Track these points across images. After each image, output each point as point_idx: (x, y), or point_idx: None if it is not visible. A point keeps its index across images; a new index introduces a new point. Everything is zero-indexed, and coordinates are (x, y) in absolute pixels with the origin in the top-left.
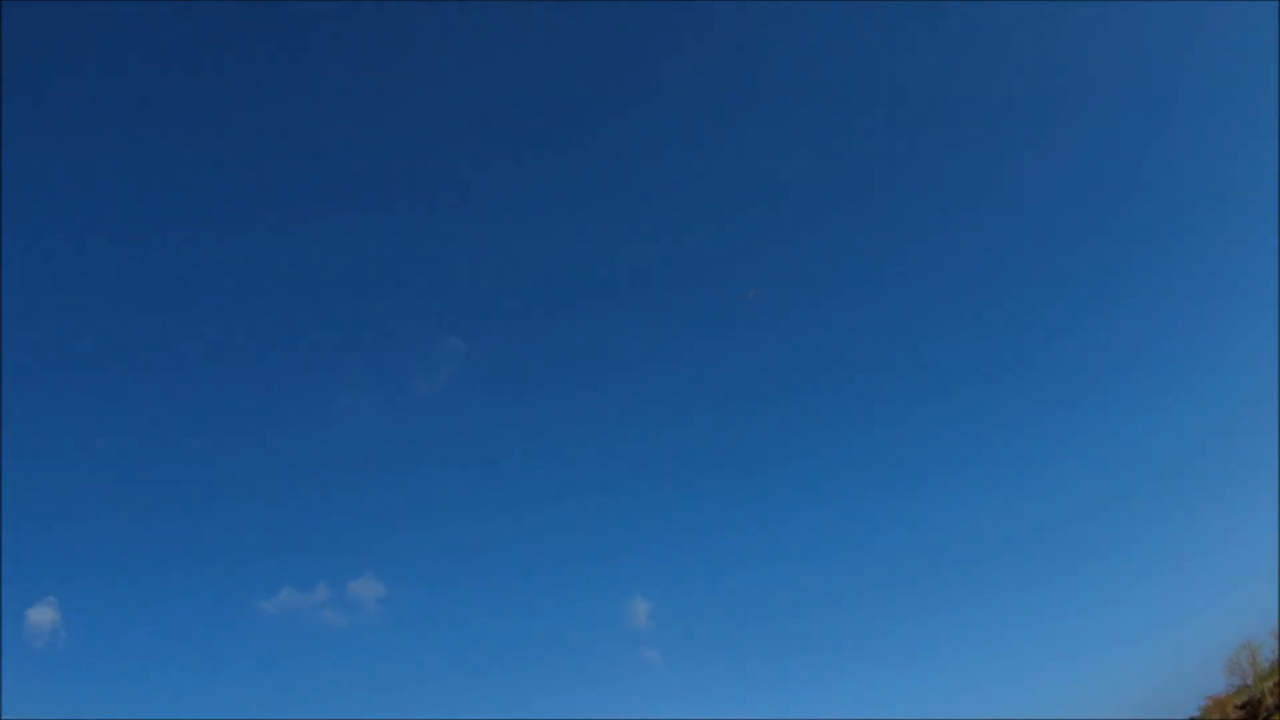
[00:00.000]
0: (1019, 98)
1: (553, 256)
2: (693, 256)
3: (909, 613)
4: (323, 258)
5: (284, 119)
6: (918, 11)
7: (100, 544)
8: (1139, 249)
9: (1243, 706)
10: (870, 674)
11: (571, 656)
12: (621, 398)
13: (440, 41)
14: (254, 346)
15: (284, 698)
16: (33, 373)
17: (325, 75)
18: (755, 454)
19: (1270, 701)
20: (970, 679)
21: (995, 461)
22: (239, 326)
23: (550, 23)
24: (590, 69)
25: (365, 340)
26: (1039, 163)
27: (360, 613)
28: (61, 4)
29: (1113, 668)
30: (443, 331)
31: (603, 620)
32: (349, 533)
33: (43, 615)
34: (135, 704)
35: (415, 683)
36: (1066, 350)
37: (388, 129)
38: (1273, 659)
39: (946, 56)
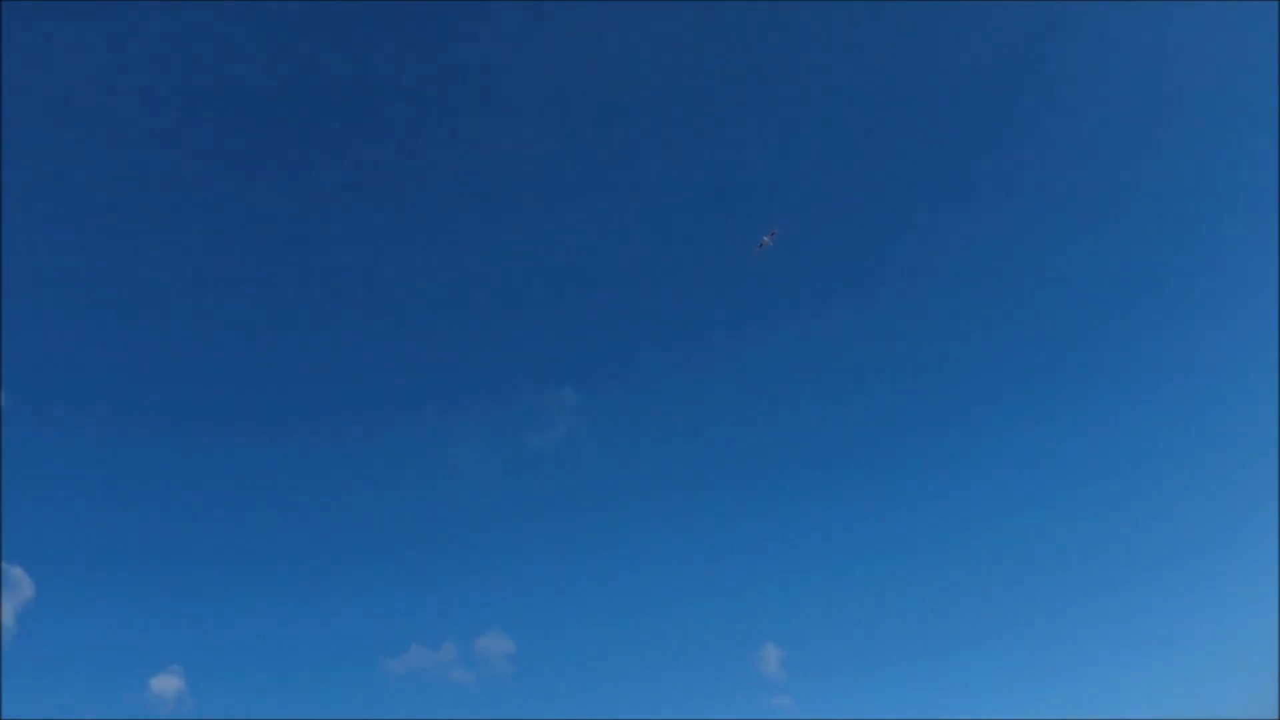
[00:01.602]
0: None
1: (666, 305)
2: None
3: (1057, 644)
4: (433, 311)
5: (399, 174)
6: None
7: (224, 609)
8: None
9: None
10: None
11: (702, 706)
12: (738, 444)
13: (569, 110)
14: (367, 404)
15: None
16: (160, 439)
17: (440, 131)
18: (884, 504)
19: None
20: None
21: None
22: (351, 382)
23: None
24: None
25: (478, 394)
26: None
27: (488, 669)
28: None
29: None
30: (555, 383)
31: (733, 669)
32: (474, 589)
33: (167, 684)
34: None
35: None
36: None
37: (498, 181)
38: None
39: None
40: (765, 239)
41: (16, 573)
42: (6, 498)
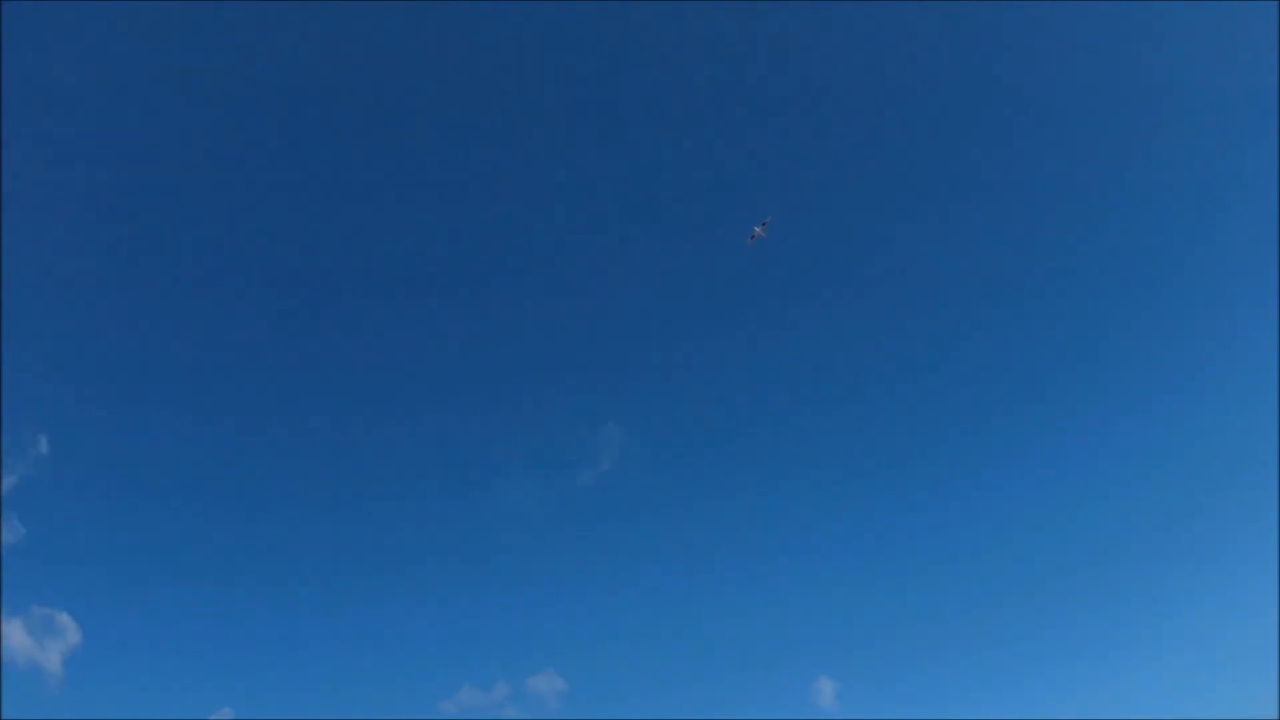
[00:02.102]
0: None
1: (709, 339)
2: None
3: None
4: (475, 347)
5: (445, 212)
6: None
7: (275, 652)
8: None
9: None
10: None
11: None
12: (785, 474)
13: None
14: (411, 441)
15: None
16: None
17: (486, 169)
18: (938, 538)
19: None
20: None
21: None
22: (394, 419)
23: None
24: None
25: (524, 430)
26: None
27: (542, 709)
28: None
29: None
30: (600, 418)
31: (788, 703)
32: (526, 629)
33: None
34: None
35: None
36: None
37: (539, 218)
38: None
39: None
40: (757, 229)
41: (64, 619)
42: (53, 543)
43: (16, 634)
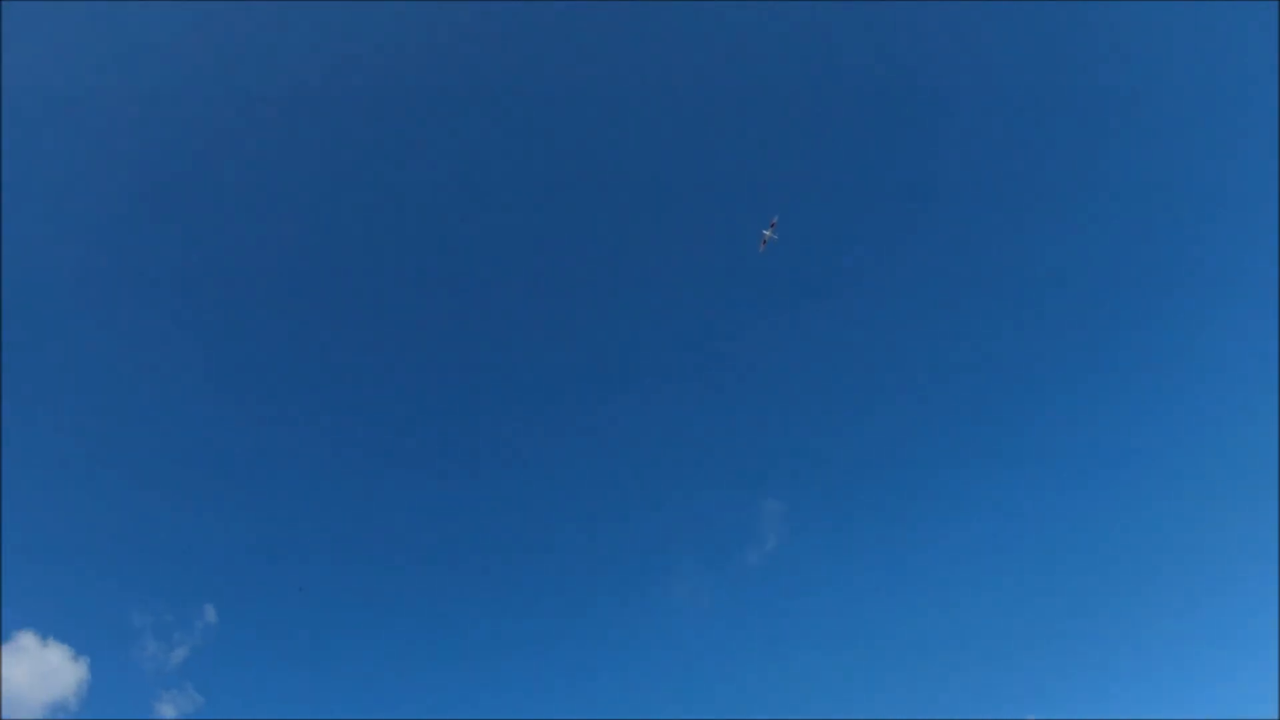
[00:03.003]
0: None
1: (860, 408)
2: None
3: None
4: (628, 448)
5: (604, 305)
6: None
7: None
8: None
9: None
10: None
11: None
12: (953, 542)
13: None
14: (584, 547)
15: None
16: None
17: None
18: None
19: None
20: None
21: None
22: (567, 526)
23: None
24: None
25: (686, 521)
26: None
27: None
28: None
29: None
30: (759, 495)
31: None
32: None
33: None
34: None
35: None
36: None
37: (687, 307)
38: None
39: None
40: (766, 233)
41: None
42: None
43: None
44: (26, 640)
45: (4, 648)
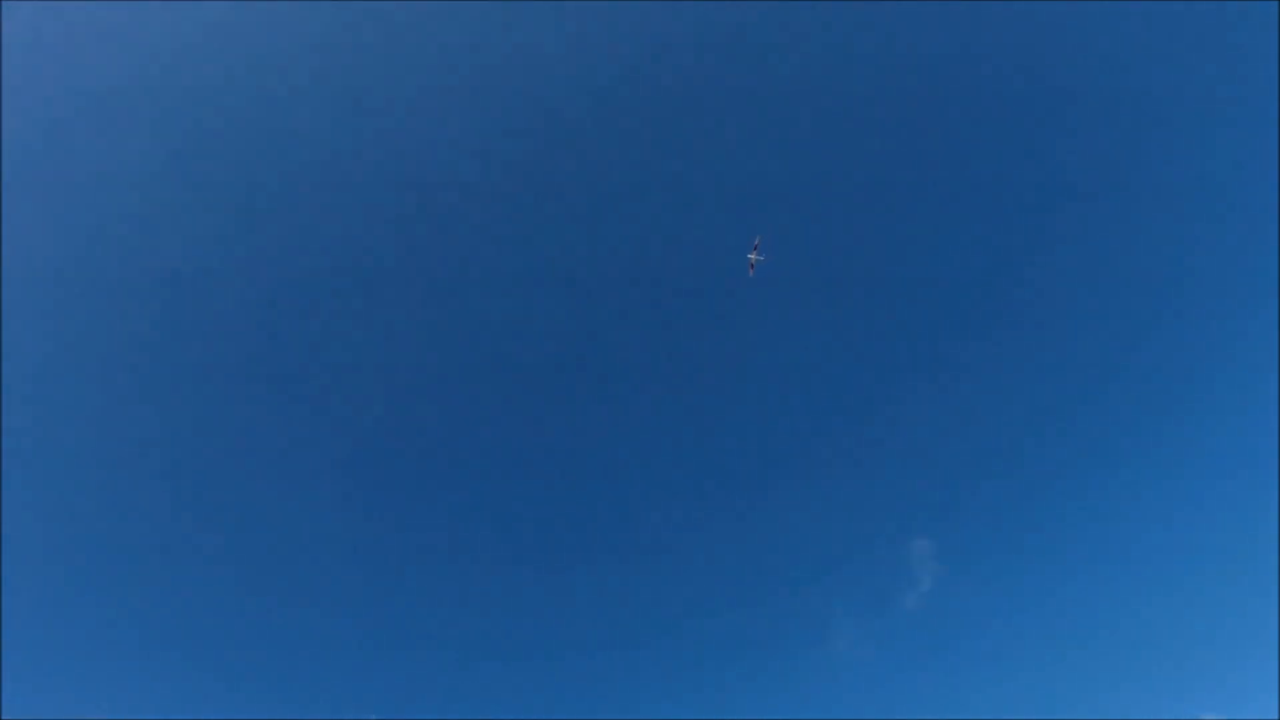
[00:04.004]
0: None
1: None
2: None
3: None
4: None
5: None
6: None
7: None
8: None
9: None
10: None
11: None
12: (1109, 568)
13: None
14: (745, 612)
15: None
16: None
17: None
18: None
19: None
20: None
21: None
22: (734, 601)
23: None
24: None
25: (837, 561)
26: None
27: None
28: None
29: None
30: (907, 536)
31: None
32: None
33: None
34: None
35: None
36: None
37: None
38: None
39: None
40: (752, 255)
41: None
42: None
43: None
44: None
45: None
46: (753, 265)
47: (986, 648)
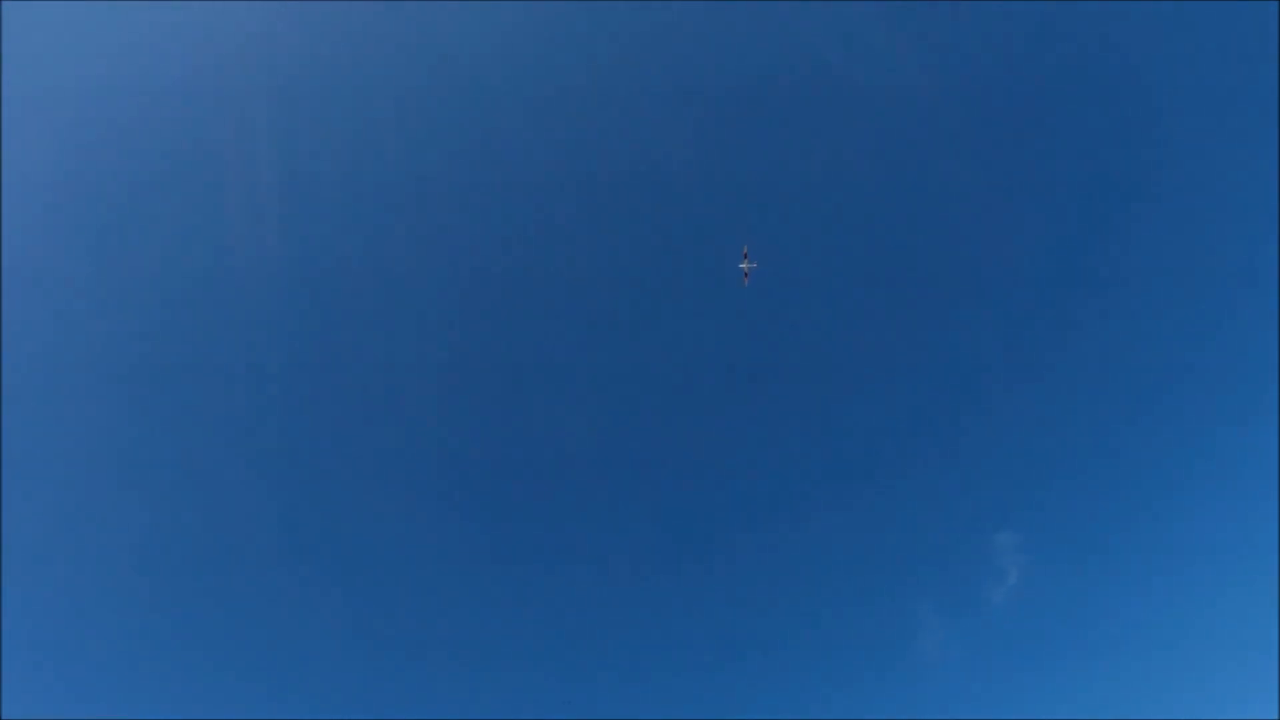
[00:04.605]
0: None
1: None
2: None
3: None
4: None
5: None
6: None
7: None
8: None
9: None
10: None
11: None
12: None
13: None
14: (827, 620)
15: None
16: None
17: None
18: None
19: None
20: None
21: None
22: (801, 574)
23: None
24: None
25: (918, 557)
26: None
27: None
28: None
29: None
30: (989, 527)
31: None
32: None
33: None
34: None
35: None
36: None
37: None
38: None
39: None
40: (744, 266)
41: None
42: None
43: None
44: None
45: None
46: (746, 274)
47: (1082, 642)
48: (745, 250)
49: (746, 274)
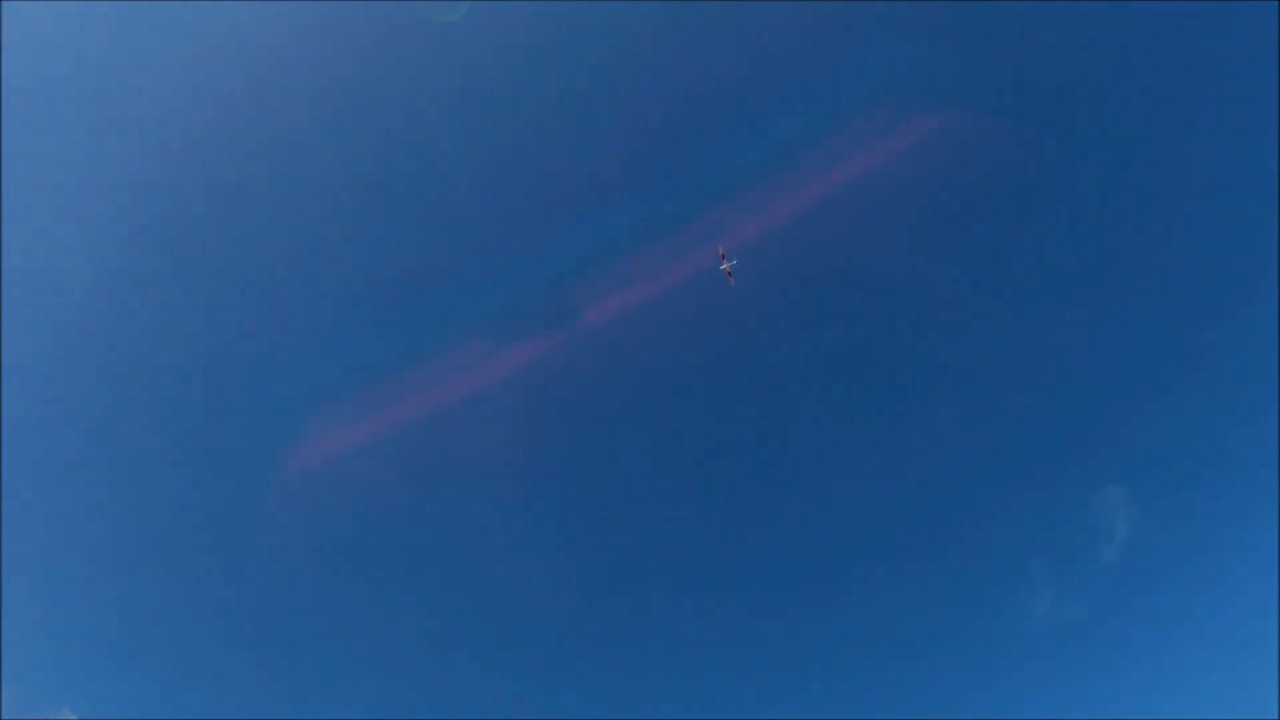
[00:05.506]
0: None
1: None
2: None
3: None
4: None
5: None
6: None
7: None
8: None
9: None
10: None
11: None
12: None
13: None
14: (935, 578)
15: None
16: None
17: None
18: None
19: None
20: None
21: None
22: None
23: None
24: None
25: (1025, 515)
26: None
27: None
28: None
29: None
30: (1096, 483)
31: None
32: None
33: None
34: None
35: None
36: None
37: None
38: None
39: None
40: (724, 266)
41: None
42: None
43: None
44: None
45: None
46: (730, 275)
47: (1199, 597)
48: (722, 250)
49: (730, 274)
